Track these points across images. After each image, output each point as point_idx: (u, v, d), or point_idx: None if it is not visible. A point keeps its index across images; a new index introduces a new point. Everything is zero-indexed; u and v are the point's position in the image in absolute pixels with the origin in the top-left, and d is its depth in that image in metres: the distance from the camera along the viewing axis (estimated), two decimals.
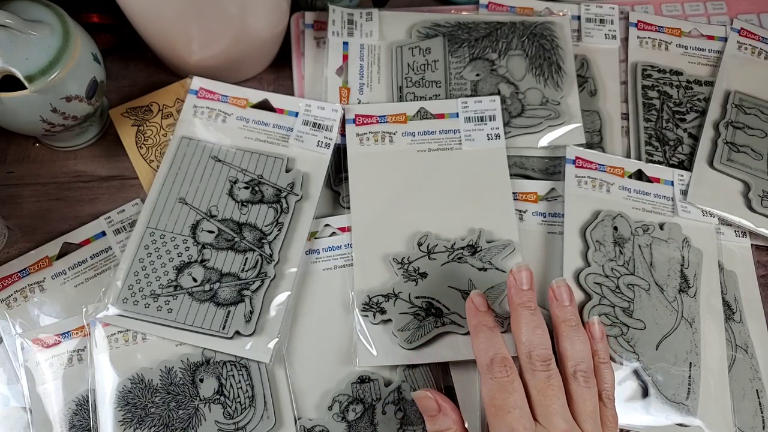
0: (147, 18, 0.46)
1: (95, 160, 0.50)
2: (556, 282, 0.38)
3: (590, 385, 0.35)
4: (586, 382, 0.35)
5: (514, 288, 0.37)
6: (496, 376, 0.34)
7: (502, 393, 0.34)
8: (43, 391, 0.41)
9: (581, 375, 0.35)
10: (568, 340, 0.36)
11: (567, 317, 0.37)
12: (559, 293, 0.38)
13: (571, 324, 0.37)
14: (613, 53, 0.55)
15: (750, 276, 0.47)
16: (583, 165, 0.49)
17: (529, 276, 0.37)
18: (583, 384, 0.35)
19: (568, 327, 0.37)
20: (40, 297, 0.44)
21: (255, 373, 0.42)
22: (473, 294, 0.38)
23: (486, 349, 0.35)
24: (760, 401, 0.43)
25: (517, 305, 0.37)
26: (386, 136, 0.49)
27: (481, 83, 0.52)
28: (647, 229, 0.47)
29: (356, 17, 0.53)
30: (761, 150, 0.50)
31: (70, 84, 0.42)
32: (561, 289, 0.38)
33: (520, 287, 0.37)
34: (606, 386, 0.37)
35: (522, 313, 0.36)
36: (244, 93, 0.50)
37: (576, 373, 0.35)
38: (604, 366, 0.37)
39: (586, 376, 0.35)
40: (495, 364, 0.34)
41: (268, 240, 0.45)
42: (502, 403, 0.33)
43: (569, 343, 0.36)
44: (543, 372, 0.34)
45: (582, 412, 0.34)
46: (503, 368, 0.34)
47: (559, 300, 0.38)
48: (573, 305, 0.37)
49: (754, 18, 0.58)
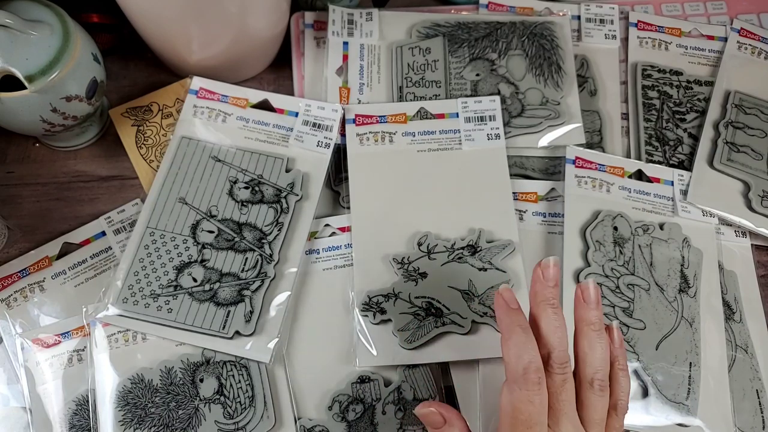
0: (147, 18, 0.46)
1: (95, 160, 0.50)
2: (584, 282, 0.36)
3: (604, 395, 0.34)
4: (602, 390, 0.34)
5: (539, 283, 0.35)
6: (529, 388, 0.32)
7: (529, 406, 0.32)
8: (43, 391, 0.41)
9: (598, 384, 0.34)
10: (589, 345, 0.35)
11: (592, 320, 0.35)
12: (587, 294, 0.36)
13: (594, 328, 0.35)
14: (613, 53, 0.55)
15: (750, 276, 0.47)
16: (583, 165, 0.49)
17: (557, 273, 0.36)
18: (598, 392, 0.34)
19: (592, 331, 0.35)
20: (40, 297, 0.44)
21: (255, 373, 0.42)
22: (503, 289, 0.36)
23: (520, 354, 0.33)
24: (760, 401, 0.43)
25: (541, 301, 0.35)
26: (386, 136, 0.49)
27: (481, 83, 0.52)
28: (647, 229, 0.47)
29: (356, 17, 0.53)
30: (761, 150, 0.50)
31: (70, 84, 0.42)
32: (589, 291, 0.36)
33: (547, 283, 0.35)
34: (622, 395, 0.35)
35: (546, 310, 0.35)
36: (244, 93, 0.50)
37: (593, 381, 0.34)
38: (623, 374, 0.36)
39: (602, 385, 0.34)
40: (530, 373, 0.32)
41: (268, 240, 0.45)
42: (526, 418, 0.32)
43: (590, 348, 0.35)
44: (560, 375, 0.33)
45: (591, 419, 0.34)
46: (537, 380, 0.32)
47: (587, 301, 0.36)
48: (599, 308, 0.36)
49: (754, 18, 0.58)
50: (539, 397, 0.32)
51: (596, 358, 0.35)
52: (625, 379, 0.36)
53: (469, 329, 0.43)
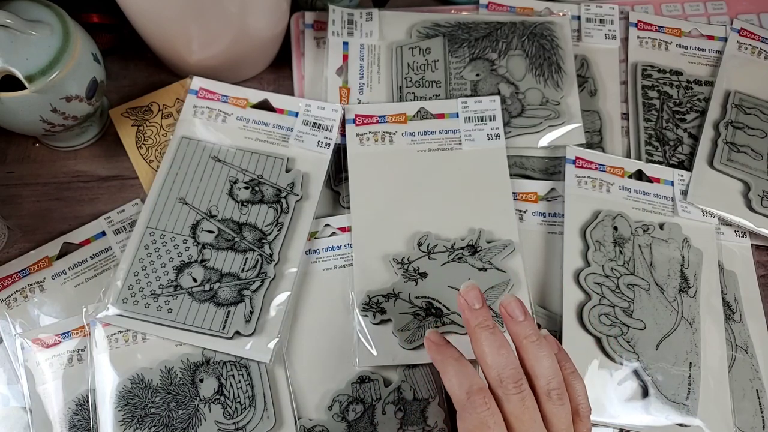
0: (147, 18, 0.46)
1: (95, 160, 0.50)
2: (504, 299, 0.36)
3: (564, 402, 0.34)
4: (560, 399, 0.34)
5: (467, 309, 0.35)
6: (477, 410, 0.32)
7: (485, 430, 0.32)
8: (43, 391, 0.41)
9: (555, 393, 0.34)
10: (534, 358, 0.34)
11: (526, 333, 0.35)
12: (511, 310, 0.36)
13: (532, 339, 0.35)
14: (613, 53, 0.55)
15: (750, 276, 0.47)
16: (583, 165, 0.49)
17: (479, 294, 0.36)
18: (557, 402, 0.34)
19: (530, 343, 0.35)
20: (40, 297, 0.44)
21: (255, 373, 0.42)
22: (430, 332, 0.36)
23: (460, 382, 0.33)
24: (760, 401, 0.43)
25: (474, 327, 0.35)
26: (386, 136, 0.49)
27: (481, 83, 0.52)
28: (647, 229, 0.47)
29: (356, 17, 0.53)
30: (761, 150, 0.50)
31: (70, 84, 0.42)
32: (512, 306, 0.36)
33: (472, 307, 0.35)
34: (580, 400, 0.35)
35: (482, 334, 0.34)
36: (244, 93, 0.50)
37: (550, 393, 0.34)
38: (573, 376, 0.36)
39: (559, 393, 0.34)
40: (473, 395, 0.32)
41: (268, 240, 0.45)
42: None
43: (536, 360, 0.34)
44: (516, 395, 0.33)
45: (559, 430, 0.33)
46: (483, 398, 0.32)
47: (513, 317, 0.35)
48: (529, 319, 0.35)
49: (754, 18, 0.58)
50: (493, 418, 0.32)
51: (544, 367, 0.34)
52: (578, 382, 0.36)
53: None
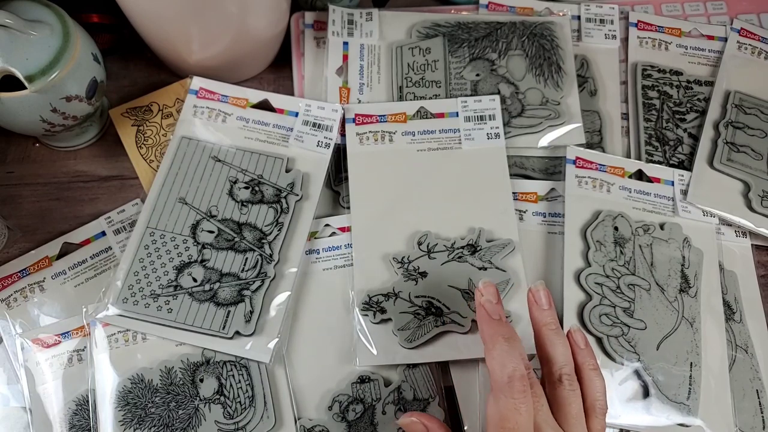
0: (147, 18, 0.46)
1: (95, 160, 0.50)
2: (534, 285, 0.38)
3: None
4: (571, 385, 0.35)
5: (535, 308, 0.37)
6: (514, 396, 0.32)
7: (515, 415, 0.32)
8: (43, 391, 0.41)
9: (566, 379, 0.35)
10: (551, 344, 0.36)
11: (547, 321, 0.37)
12: (538, 297, 0.37)
13: (551, 328, 0.36)
14: (613, 53, 0.55)
15: (750, 276, 0.47)
16: (584, 165, 0.49)
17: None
18: (568, 387, 0.35)
19: (549, 331, 0.36)
20: (40, 297, 0.44)
21: (255, 373, 0.42)
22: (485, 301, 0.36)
23: (504, 363, 0.33)
24: (761, 401, 0.43)
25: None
26: (386, 136, 0.49)
27: (481, 83, 0.52)
28: (648, 229, 0.47)
29: (356, 17, 0.53)
30: (761, 150, 0.50)
31: (70, 84, 0.42)
32: (540, 293, 0.37)
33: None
34: (598, 396, 0.36)
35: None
36: (244, 93, 0.50)
37: (561, 377, 0.35)
38: (595, 374, 0.36)
39: (570, 380, 0.35)
40: (514, 381, 0.32)
41: (268, 240, 0.45)
42: (513, 426, 0.32)
43: (552, 347, 0.36)
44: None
45: (568, 415, 0.34)
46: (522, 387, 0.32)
47: (539, 303, 0.37)
48: (552, 309, 0.37)
49: (754, 18, 0.58)
50: (525, 405, 0.32)
51: (559, 354, 0.36)
52: (599, 379, 0.36)
53: (469, 328, 0.43)
